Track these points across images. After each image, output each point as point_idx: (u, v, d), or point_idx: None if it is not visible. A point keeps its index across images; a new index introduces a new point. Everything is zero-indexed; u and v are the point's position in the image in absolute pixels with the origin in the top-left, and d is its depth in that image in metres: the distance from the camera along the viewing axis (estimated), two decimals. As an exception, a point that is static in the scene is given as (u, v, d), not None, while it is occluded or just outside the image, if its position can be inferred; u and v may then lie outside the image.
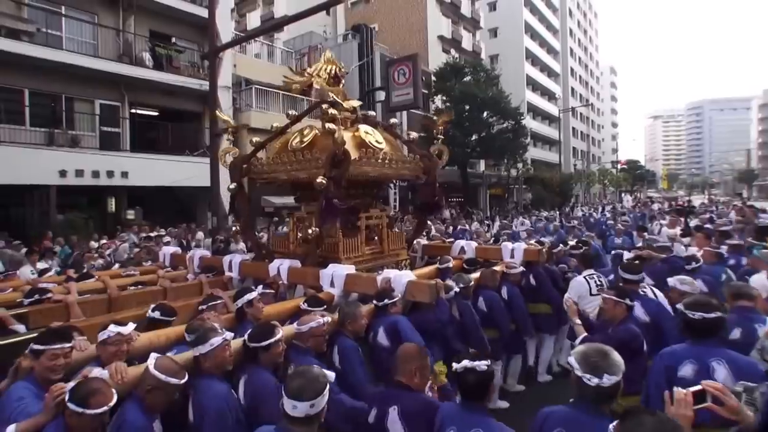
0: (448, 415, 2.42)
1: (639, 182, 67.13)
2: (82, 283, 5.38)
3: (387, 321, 3.85)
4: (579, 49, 65.01)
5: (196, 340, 2.77)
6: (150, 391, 2.38)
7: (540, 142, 49.45)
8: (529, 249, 6.19)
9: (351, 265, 5.03)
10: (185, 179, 14.58)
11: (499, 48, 44.16)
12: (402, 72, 19.04)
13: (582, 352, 2.25)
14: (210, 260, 6.57)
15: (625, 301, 3.56)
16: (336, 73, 5.72)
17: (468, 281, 4.73)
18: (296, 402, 1.98)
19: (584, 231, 11.71)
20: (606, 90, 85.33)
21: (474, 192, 33.35)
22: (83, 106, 14.75)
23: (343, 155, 4.63)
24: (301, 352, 3.15)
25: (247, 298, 3.77)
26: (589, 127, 66.91)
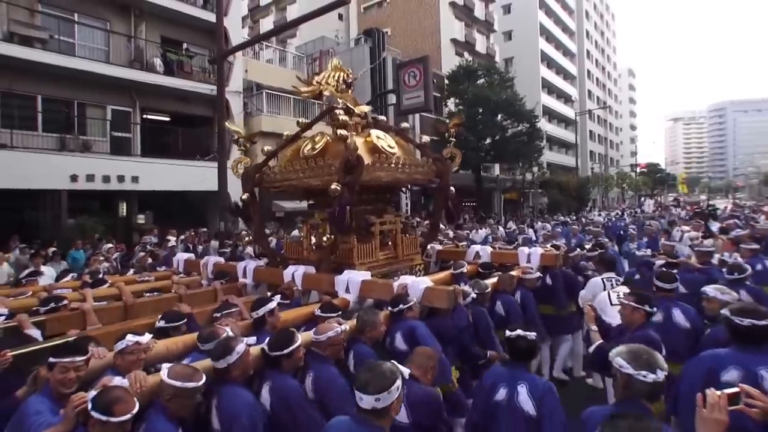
0: (498, 374, 3.01)
1: (659, 186, 66.11)
2: (97, 289, 5.48)
3: (404, 326, 3.87)
4: (596, 51, 64.46)
5: (219, 352, 2.76)
6: (171, 400, 2.41)
7: (556, 145, 49.07)
8: (546, 254, 6.25)
9: (366, 271, 5.07)
10: (195, 183, 14.76)
11: (514, 51, 44.05)
12: (412, 74, 18.84)
13: (629, 351, 2.29)
14: (223, 266, 6.65)
15: (643, 307, 3.54)
16: (345, 80, 5.77)
17: (484, 287, 4.75)
18: (362, 394, 2.06)
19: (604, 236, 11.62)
20: (624, 92, 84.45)
21: (488, 196, 33.17)
22: (95, 111, 15.04)
23: (357, 161, 4.68)
24: (320, 359, 3.17)
25: (269, 308, 3.81)
26: (607, 130, 66.25)
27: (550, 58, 48.35)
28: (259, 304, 3.87)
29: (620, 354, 2.31)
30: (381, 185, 5.78)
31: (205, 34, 17.30)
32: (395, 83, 20.62)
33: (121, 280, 6.22)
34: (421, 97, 18.57)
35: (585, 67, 58.07)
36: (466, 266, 5.87)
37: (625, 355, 2.28)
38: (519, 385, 2.80)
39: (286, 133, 6.20)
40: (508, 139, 27.24)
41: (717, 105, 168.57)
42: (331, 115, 5.73)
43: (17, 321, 3.92)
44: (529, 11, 45.21)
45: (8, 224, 12.10)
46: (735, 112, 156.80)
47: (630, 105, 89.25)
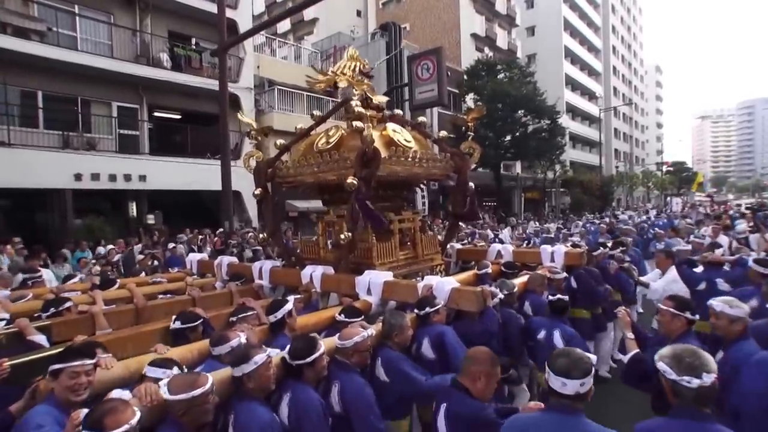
0: (537, 323, 4.31)
1: (686, 185, 64.71)
2: (108, 291, 5.30)
3: (432, 331, 3.66)
4: (622, 46, 63.20)
5: (237, 359, 2.60)
6: (185, 414, 2.23)
7: (580, 143, 48.36)
8: (571, 252, 6.06)
9: (388, 272, 4.87)
10: (206, 182, 14.64)
11: (537, 47, 43.52)
12: (425, 67, 18.10)
13: (672, 354, 2.14)
14: (238, 267, 6.50)
15: (684, 314, 3.20)
16: (361, 70, 5.57)
17: (512, 287, 4.53)
18: (565, 380, 2.07)
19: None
20: (651, 89, 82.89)
21: (508, 196, 32.74)
22: (100, 108, 14.81)
23: (373, 153, 4.48)
24: (345, 368, 2.99)
25: (287, 310, 3.64)
26: (632, 128, 65.02)
27: (574, 54, 47.60)
28: (276, 307, 3.68)
29: (663, 357, 2.16)
30: (397, 181, 5.59)
31: (214, 28, 16.87)
32: (408, 77, 19.97)
33: (133, 281, 6.06)
34: (435, 90, 17.81)
35: (610, 63, 57.02)
36: (491, 266, 5.65)
37: (668, 358, 2.12)
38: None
39: (300, 126, 6.03)
40: (529, 135, 26.69)
41: (746, 102, 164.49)
42: (346, 107, 5.53)
43: (17, 326, 3.69)
44: (553, 5, 44.47)
45: (18, 226, 12.05)
46: (764, 109, 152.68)
47: (657, 102, 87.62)
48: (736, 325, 3.07)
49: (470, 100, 26.85)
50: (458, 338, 3.61)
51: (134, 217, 15.04)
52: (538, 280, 5.10)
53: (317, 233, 6.10)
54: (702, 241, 7.93)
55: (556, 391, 2.10)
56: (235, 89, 16.86)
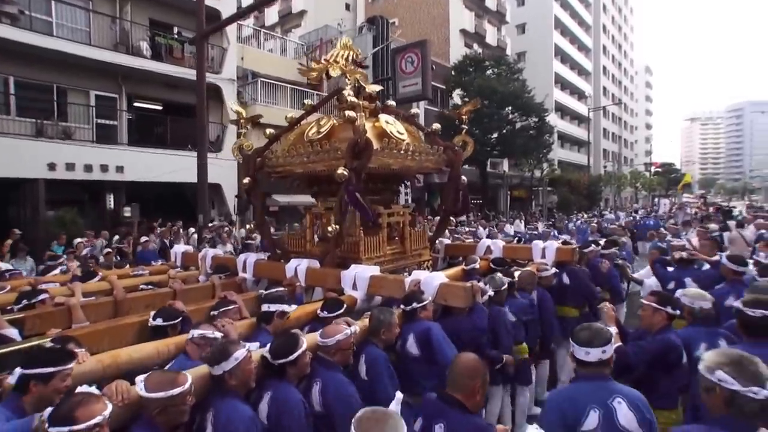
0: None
1: (674, 186, 65.63)
2: (87, 283, 5.18)
3: (418, 327, 3.58)
4: (613, 46, 63.78)
5: (215, 357, 2.52)
6: (160, 413, 2.15)
7: (568, 143, 48.72)
8: (562, 248, 5.98)
9: (375, 267, 4.80)
10: (186, 175, 13.94)
11: (527, 45, 43.68)
12: (410, 60, 17.84)
13: (731, 361, 1.92)
14: (222, 260, 6.42)
15: (665, 308, 3.30)
16: (354, 60, 5.51)
17: (501, 284, 4.44)
18: (588, 348, 2.41)
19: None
20: (641, 90, 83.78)
21: (494, 193, 32.80)
22: (77, 97, 14.39)
23: (365, 144, 4.41)
24: (327, 365, 2.91)
25: (284, 309, 3.59)
26: (622, 129, 65.69)
27: (564, 53, 47.94)
28: (273, 299, 3.62)
29: (719, 365, 1.92)
30: (389, 174, 5.53)
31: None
32: (392, 70, 19.53)
33: (114, 273, 5.91)
34: (419, 84, 17.58)
35: (600, 63, 57.50)
36: (479, 262, 5.60)
37: (728, 367, 1.89)
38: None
39: (290, 115, 5.96)
40: (516, 133, 26.64)
41: (735, 105, 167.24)
42: (338, 97, 5.47)
43: None
44: (544, 3, 44.71)
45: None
46: (753, 112, 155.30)
47: (646, 103, 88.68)
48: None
49: (457, 96, 26.82)
50: (445, 335, 3.55)
51: (111, 209, 14.70)
52: (527, 278, 5.05)
53: (305, 226, 6.01)
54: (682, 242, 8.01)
55: (582, 361, 2.43)
56: (217, 80, 16.67)
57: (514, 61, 30.51)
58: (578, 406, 2.35)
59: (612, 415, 2.27)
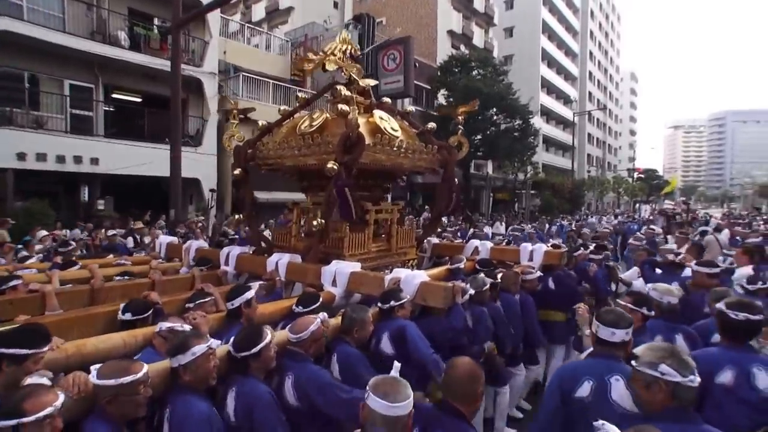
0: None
1: (656, 192, 66.67)
2: (67, 271, 5.11)
3: (393, 326, 3.52)
4: (599, 52, 64.63)
5: (173, 349, 2.44)
6: (111, 402, 2.08)
7: (553, 146, 49.20)
8: (550, 251, 5.95)
9: (356, 263, 4.76)
10: (165, 169, 13.30)
11: (515, 48, 43.93)
12: (392, 57, 17.50)
13: (672, 354, 2.07)
14: (205, 252, 6.34)
15: (641, 309, 3.35)
16: (351, 54, 5.47)
17: (482, 284, 4.37)
18: (615, 329, 2.58)
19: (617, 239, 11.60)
20: (625, 96, 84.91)
21: (477, 195, 32.85)
22: (50, 85, 13.93)
23: (357, 139, 4.37)
24: (297, 359, 2.85)
25: (246, 298, 3.48)
26: (606, 134, 66.58)
27: (551, 57, 48.36)
28: (235, 294, 3.51)
29: (661, 359, 2.04)
30: (380, 170, 5.50)
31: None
32: (373, 67, 19.11)
33: (95, 262, 5.83)
34: (401, 81, 17.29)
35: (587, 69, 58.30)
36: (465, 261, 5.60)
37: (670, 360, 2.02)
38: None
39: (282, 108, 5.93)
40: (500, 135, 26.57)
41: (718, 114, 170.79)
42: (332, 91, 5.43)
43: None
44: (533, 8, 45.01)
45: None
46: (734, 122, 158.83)
47: (631, 110, 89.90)
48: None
49: (442, 97, 26.78)
50: (420, 333, 3.51)
51: (86, 202, 14.33)
52: (511, 278, 5.01)
53: (291, 220, 5.98)
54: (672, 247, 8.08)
55: (605, 341, 2.60)
56: (198, 73, 16.42)
57: (500, 62, 30.37)
58: (576, 375, 2.55)
59: (605, 389, 2.42)
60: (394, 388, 1.88)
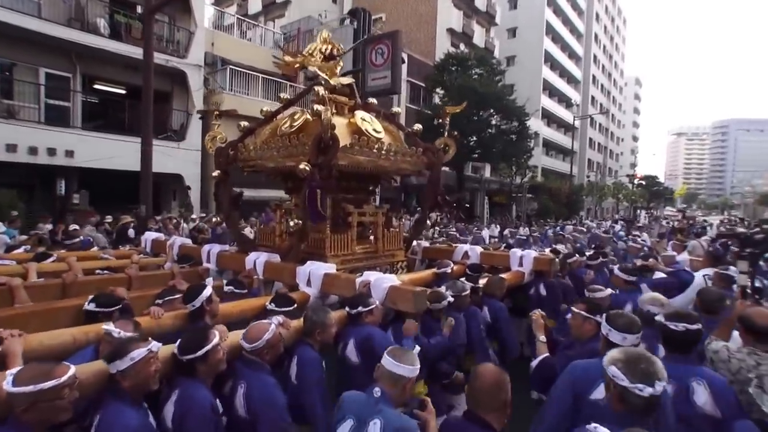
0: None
1: (656, 199, 66.54)
2: (44, 264, 5.11)
3: (359, 333, 3.45)
4: (603, 56, 64.39)
5: (110, 354, 2.33)
6: (27, 410, 1.91)
7: (554, 150, 49.11)
8: (540, 257, 5.92)
9: (332, 264, 4.74)
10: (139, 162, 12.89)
11: (517, 49, 43.87)
12: (380, 52, 16.65)
13: (625, 359, 2.06)
14: (188, 249, 6.41)
15: (595, 317, 3.26)
16: (332, 53, 5.42)
17: (462, 289, 4.31)
18: (627, 334, 2.64)
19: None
20: (629, 101, 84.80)
21: (472, 198, 32.69)
22: (23, 73, 13.42)
23: (331, 140, 4.32)
24: (253, 367, 2.76)
25: (205, 296, 3.40)
26: (608, 139, 66.48)
27: (554, 60, 48.23)
28: (194, 294, 3.40)
29: (615, 361, 2.06)
30: (363, 173, 5.46)
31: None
32: (362, 62, 18.43)
33: (74, 255, 5.84)
34: (388, 78, 16.66)
35: (590, 72, 58.05)
36: (452, 266, 5.57)
37: (621, 363, 2.03)
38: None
39: (265, 108, 5.89)
40: (495, 136, 26.18)
41: (721, 122, 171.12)
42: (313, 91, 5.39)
43: None
44: (537, 8, 44.84)
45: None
46: (738, 130, 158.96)
47: (634, 115, 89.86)
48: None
49: (437, 96, 26.54)
50: (390, 340, 3.46)
51: (63, 195, 13.92)
52: (496, 283, 4.97)
53: (273, 220, 5.98)
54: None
55: (616, 344, 2.57)
56: (182, 65, 16.10)
57: (497, 62, 29.90)
58: (590, 376, 2.46)
59: None
60: (403, 354, 2.44)
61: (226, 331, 2.98)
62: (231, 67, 17.83)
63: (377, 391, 2.29)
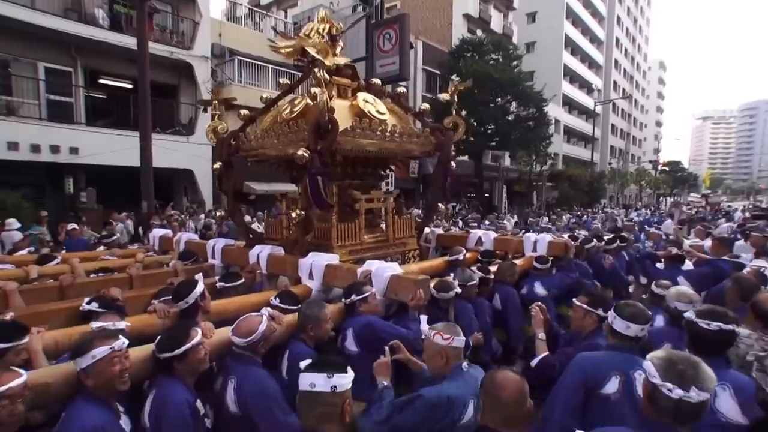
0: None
1: (680, 185, 64.99)
2: (46, 266, 5.06)
3: (357, 323, 3.31)
4: (626, 39, 62.69)
5: (75, 350, 2.22)
6: None
7: (575, 137, 48.25)
8: (554, 242, 5.80)
9: (335, 255, 4.52)
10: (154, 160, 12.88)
11: (537, 34, 42.92)
12: (387, 37, 16.15)
13: (666, 356, 1.88)
14: (193, 245, 6.27)
15: (596, 311, 3.11)
16: (331, 33, 5.15)
17: (469, 279, 4.17)
18: (630, 323, 2.57)
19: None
20: (653, 86, 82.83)
21: (490, 187, 32.26)
22: (22, 68, 13.13)
23: (329, 123, 4.08)
24: (243, 361, 2.65)
25: (198, 292, 3.19)
26: (631, 125, 64.97)
27: (575, 44, 47.17)
28: (185, 291, 3.20)
29: (654, 357, 1.90)
30: (370, 157, 5.20)
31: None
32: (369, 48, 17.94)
33: (77, 255, 5.80)
34: (396, 64, 16.24)
35: (612, 56, 56.64)
36: (464, 253, 5.39)
37: (659, 360, 1.86)
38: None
39: (265, 95, 5.69)
40: (512, 124, 25.60)
41: (749, 104, 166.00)
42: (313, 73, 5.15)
43: None
44: (556, -9, 43.67)
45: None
46: (767, 111, 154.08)
47: (658, 100, 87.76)
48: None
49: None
50: (391, 325, 3.34)
51: (71, 193, 13.91)
52: (507, 269, 4.87)
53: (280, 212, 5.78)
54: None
55: (619, 333, 2.60)
56: (188, 57, 15.86)
57: (513, 47, 28.91)
58: (602, 370, 2.44)
59: (632, 384, 2.37)
60: (452, 328, 2.52)
61: (212, 328, 2.85)
62: (239, 58, 17.54)
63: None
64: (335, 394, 1.80)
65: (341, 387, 1.82)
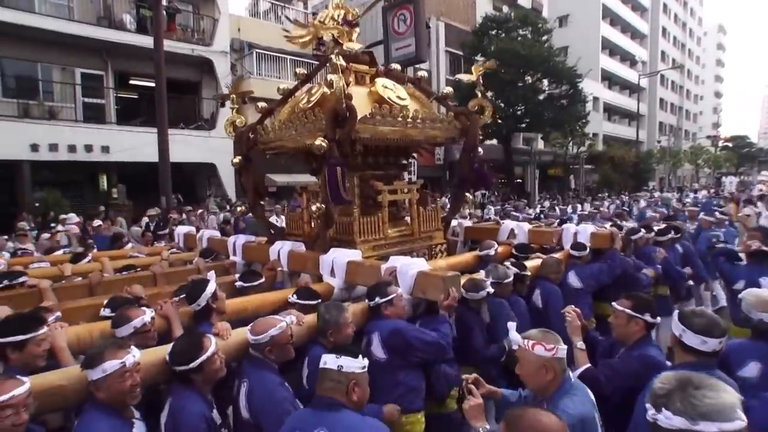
0: None
1: (748, 162, 61.61)
2: (78, 265, 5.41)
3: (384, 328, 3.24)
4: (676, 3, 60.01)
5: (86, 360, 2.28)
6: None
7: (617, 115, 47.09)
8: (598, 233, 5.56)
9: (357, 251, 4.56)
10: (180, 155, 14.27)
11: (571, 6, 41.92)
12: (402, 18, 15.77)
13: (680, 384, 1.53)
14: (213, 242, 6.49)
15: (643, 316, 2.83)
16: (347, 18, 5.22)
17: (504, 276, 4.05)
18: (707, 338, 2.33)
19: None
20: (710, 53, 79.59)
21: (521, 173, 31.90)
22: (62, 75, 14.82)
23: (347, 111, 4.13)
24: (258, 364, 2.71)
25: (210, 292, 3.27)
26: (683, 98, 62.81)
27: (614, 14, 46.02)
28: (196, 293, 3.25)
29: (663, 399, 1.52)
30: (391, 145, 5.24)
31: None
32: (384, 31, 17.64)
33: (106, 255, 6.16)
34: (412, 46, 15.83)
35: (659, 24, 54.59)
36: (496, 247, 5.30)
37: (667, 380, 1.57)
38: None
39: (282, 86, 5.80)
40: (543, 103, 24.95)
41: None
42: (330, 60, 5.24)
43: None
44: (593, -42, 42.55)
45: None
46: None
47: (717, 68, 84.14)
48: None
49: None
50: (421, 330, 3.29)
51: (104, 191, 15.13)
52: (553, 266, 4.73)
53: (301, 206, 5.90)
54: None
55: (693, 349, 2.36)
56: (208, 53, 16.85)
57: (543, 21, 28.08)
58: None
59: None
60: (550, 336, 2.31)
61: (228, 328, 2.91)
62: (257, 51, 18.42)
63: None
64: (341, 372, 2.13)
65: (347, 368, 2.14)
